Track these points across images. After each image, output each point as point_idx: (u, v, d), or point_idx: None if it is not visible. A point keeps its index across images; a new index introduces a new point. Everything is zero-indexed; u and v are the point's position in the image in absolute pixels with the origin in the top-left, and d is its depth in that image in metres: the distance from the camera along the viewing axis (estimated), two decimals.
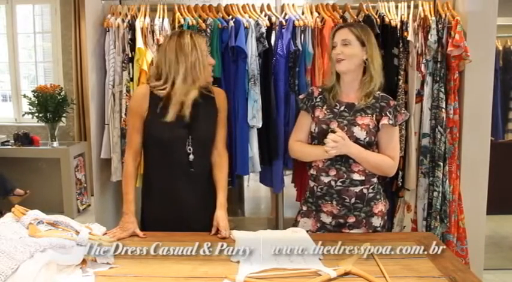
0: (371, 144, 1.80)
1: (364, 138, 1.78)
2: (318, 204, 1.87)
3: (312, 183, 1.89)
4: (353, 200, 1.81)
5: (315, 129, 1.85)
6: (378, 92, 1.82)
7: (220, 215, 1.81)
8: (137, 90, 1.90)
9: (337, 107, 1.83)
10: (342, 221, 1.85)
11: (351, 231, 1.85)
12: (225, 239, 1.72)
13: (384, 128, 1.79)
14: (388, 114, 1.78)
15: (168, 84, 1.79)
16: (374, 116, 1.79)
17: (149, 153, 1.89)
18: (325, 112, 1.85)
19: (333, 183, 1.82)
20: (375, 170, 1.82)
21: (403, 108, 1.85)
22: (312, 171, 1.89)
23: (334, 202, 1.83)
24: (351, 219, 1.84)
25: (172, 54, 1.78)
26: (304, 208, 1.93)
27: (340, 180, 1.81)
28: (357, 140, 1.77)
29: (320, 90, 1.93)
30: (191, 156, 1.82)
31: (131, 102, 1.92)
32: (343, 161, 1.80)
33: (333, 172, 1.81)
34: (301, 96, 1.99)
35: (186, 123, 1.80)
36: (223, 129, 1.96)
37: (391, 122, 1.78)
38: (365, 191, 1.82)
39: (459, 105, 2.57)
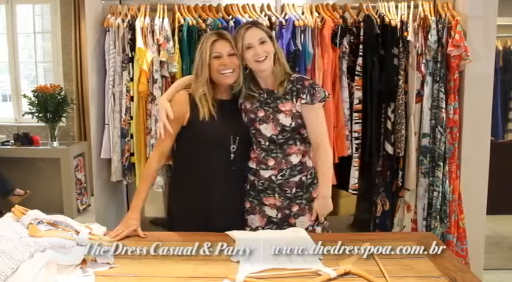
0: (297, 129, 1.84)
1: (290, 124, 1.82)
2: (260, 198, 1.90)
3: (251, 177, 1.92)
4: (294, 190, 1.87)
5: (245, 119, 1.90)
6: (294, 75, 1.86)
7: None
8: (178, 95, 1.88)
9: (262, 95, 1.87)
10: (287, 211, 1.89)
11: (297, 219, 1.88)
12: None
13: (303, 109, 1.83)
14: (302, 94, 1.81)
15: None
16: (294, 99, 1.83)
17: (189, 153, 1.90)
18: (252, 101, 1.88)
19: (273, 178, 1.86)
20: (332, 167, 1.95)
21: (319, 86, 1.88)
22: (251, 165, 1.91)
23: (276, 195, 1.88)
24: (295, 208, 1.88)
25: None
26: (247, 205, 1.95)
27: (280, 174, 1.85)
28: (283, 127, 1.82)
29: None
30: (232, 156, 1.86)
31: (172, 106, 1.87)
32: (277, 148, 1.84)
33: (271, 162, 1.85)
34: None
35: (230, 122, 1.86)
36: None
37: (304, 101, 1.81)
38: (303, 178, 1.88)
39: (459, 105, 2.57)
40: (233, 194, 1.93)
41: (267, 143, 1.86)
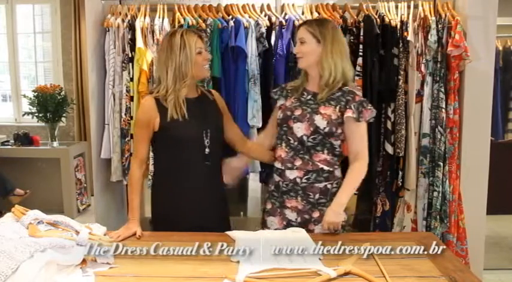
0: (330, 135, 1.82)
1: (324, 128, 1.80)
2: (283, 200, 1.89)
3: (277, 178, 1.91)
4: (317, 196, 1.84)
5: (279, 116, 1.90)
6: (346, 87, 1.84)
7: None
8: (144, 103, 1.90)
9: (304, 96, 1.88)
10: (307, 216, 1.86)
11: (316, 226, 1.85)
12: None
13: (348, 121, 1.81)
14: (353, 107, 1.80)
15: (163, 86, 1.84)
16: (338, 107, 1.81)
17: (165, 155, 1.92)
18: (293, 100, 1.90)
19: (298, 180, 1.85)
20: (360, 182, 1.86)
21: (370, 105, 1.84)
22: (277, 164, 1.91)
23: (299, 198, 1.86)
24: (316, 214, 1.85)
25: (163, 55, 1.85)
26: (269, 206, 1.95)
27: (306, 177, 1.83)
28: (317, 128, 1.81)
29: (292, 83, 1.98)
30: (207, 150, 1.88)
31: (139, 114, 1.92)
32: (305, 151, 1.83)
33: (298, 162, 1.84)
34: (274, 90, 2.04)
35: (200, 118, 1.87)
36: (235, 125, 2.11)
37: (354, 115, 1.79)
38: (329, 186, 1.85)
39: (459, 105, 2.57)
40: (212, 190, 1.95)
41: (295, 143, 1.84)
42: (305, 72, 1.92)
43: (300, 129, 1.83)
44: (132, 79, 2.61)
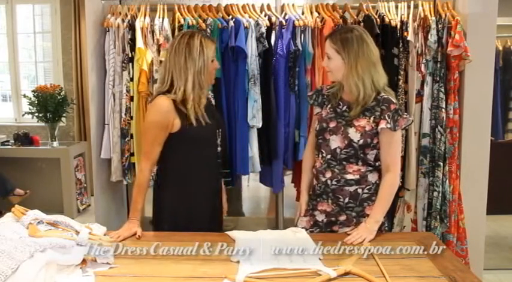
0: (365, 147, 1.77)
1: (358, 140, 1.76)
2: (316, 203, 1.89)
3: (315, 181, 1.93)
4: (346, 200, 1.82)
5: (317, 127, 1.88)
6: (382, 95, 1.77)
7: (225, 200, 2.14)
8: (161, 104, 1.80)
9: (340, 107, 1.84)
10: (333, 219, 1.86)
11: (341, 229, 1.84)
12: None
13: (383, 132, 1.76)
14: (387, 117, 1.74)
15: (179, 89, 1.78)
16: (372, 118, 1.76)
17: (179, 155, 1.87)
18: (328, 111, 1.86)
19: (329, 182, 1.84)
20: (392, 196, 1.84)
21: (405, 113, 1.79)
22: (314, 171, 1.92)
23: (330, 201, 1.85)
24: (342, 217, 1.84)
25: (181, 57, 1.78)
26: (304, 207, 1.96)
27: (335, 179, 1.82)
28: (350, 141, 1.77)
29: (328, 87, 1.94)
30: (219, 148, 1.93)
31: (155, 116, 1.81)
32: (337, 163, 1.81)
33: (328, 174, 1.83)
34: (310, 93, 2.03)
35: (212, 119, 1.89)
36: None
37: (389, 125, 1.73)
38: (359, 190, 1.81)
39: (459, 105, 2.57)
40: (217, 187, 2.01)
41: (328, 156, 1.82)
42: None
43: (334, 141, 1.80)
44: (132, 79, 2.61)
